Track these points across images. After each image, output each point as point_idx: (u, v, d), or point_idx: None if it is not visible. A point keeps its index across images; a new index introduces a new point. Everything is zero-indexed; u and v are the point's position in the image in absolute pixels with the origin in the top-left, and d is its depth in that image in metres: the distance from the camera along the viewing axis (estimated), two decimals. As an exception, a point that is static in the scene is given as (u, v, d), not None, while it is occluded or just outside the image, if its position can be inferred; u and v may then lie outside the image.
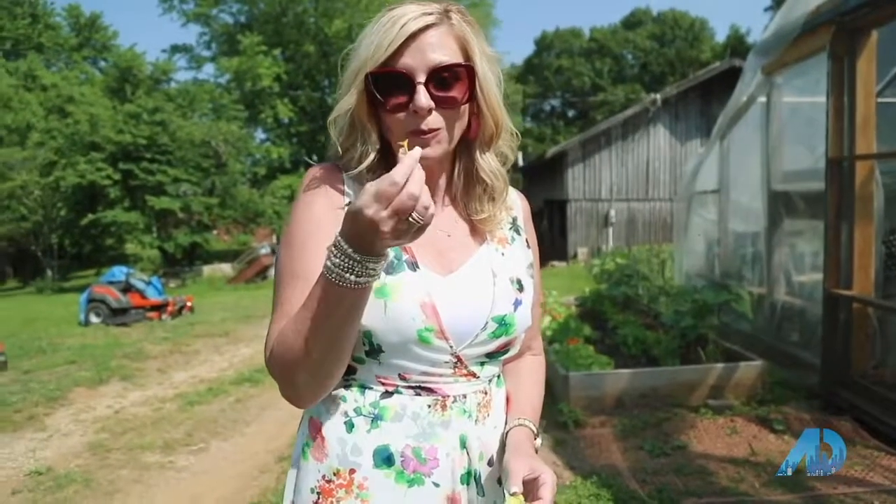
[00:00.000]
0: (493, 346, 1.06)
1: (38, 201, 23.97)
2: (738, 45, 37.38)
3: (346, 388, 1.05)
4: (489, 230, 1.12)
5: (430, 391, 1.04)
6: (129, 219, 22.28)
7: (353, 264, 0.82)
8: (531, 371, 1.24)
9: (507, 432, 1.10)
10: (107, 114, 23.36)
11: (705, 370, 4.57)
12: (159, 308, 12.30)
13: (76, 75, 32.94)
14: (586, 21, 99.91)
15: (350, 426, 1.03)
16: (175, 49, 34.27)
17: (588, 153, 21.05)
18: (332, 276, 0.83)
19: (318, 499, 1.03)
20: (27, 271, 27.10)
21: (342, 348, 0.93)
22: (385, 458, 1.02)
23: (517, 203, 1.21)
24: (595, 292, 8.19)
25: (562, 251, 21.31)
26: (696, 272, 7.45)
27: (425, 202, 0.79)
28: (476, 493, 1.07)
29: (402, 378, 1.03)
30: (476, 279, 1.06)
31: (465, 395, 1.06)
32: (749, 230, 6.17)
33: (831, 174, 4.26)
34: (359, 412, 1.03)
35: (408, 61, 0.96)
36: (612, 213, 21.01)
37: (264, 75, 28.21)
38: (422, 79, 0.96)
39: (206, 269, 23.66)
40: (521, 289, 1.10)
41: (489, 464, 1.09)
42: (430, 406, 1.03)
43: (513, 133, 1.11)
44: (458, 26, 1.00)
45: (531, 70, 48.56)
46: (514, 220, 1.19)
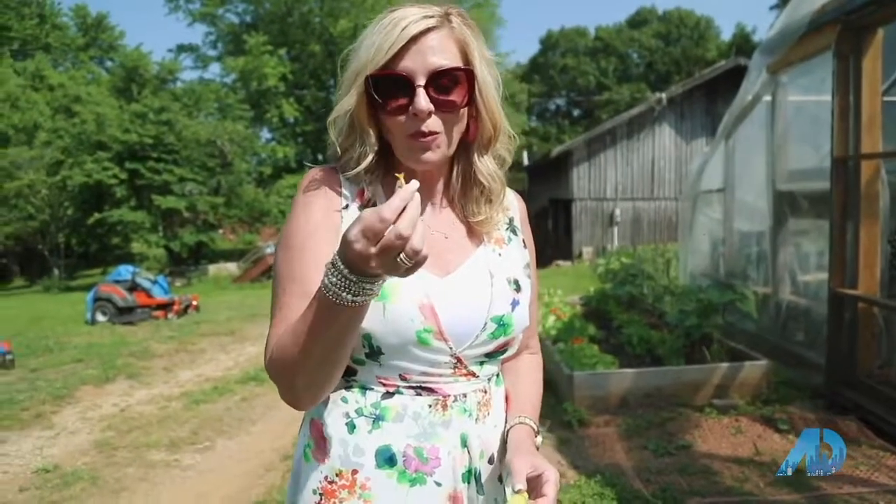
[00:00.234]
0: (492, 346, 1.07)
1: (45, 200, 24.08)
2: (743, 44, 37.25)
3: (347, 389, 1.06)
4: (486, 232, 1.13)
5: (430, 391, 1.04)
6: (135, 218, 22.38)
7: (350, 284, 0.82)
8: (529, 369, 1.25)
9: (508, 430, 1.11)
10: (113, 113, 23.46)
11: (710, 370, 4.56)
12: (165, 307, 12.34)
13: (83, 75, 33.12)
14: (591, 20, 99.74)
15: (351, 427, 1.04)
16: (181, 49, 34.36)
17: (593, 152, 21.02)
18: (329, 293, 0.83)
19: (321, 500, 1.04)
20: (34, 270, 27.23)
21: (340, 357, 0.94)
22: (387, 459, 1.02)
23: (514, 204, 1.22)
24: (600, 292, 8.18)
25: (567, 250, 21.29)
26: (701, 272, 7.43)
27: (415, 245, 0.77)
28: (477, 492, 1.08)
29: (403, 378, 1.04)
30: (473, 280, 1.07)
31: (465, 395, 1.07)
32: (754, 229, 6.15)
33: (837, 173, 4.24)
34: (360, 413, 1.04)
35: (408, 64, 0.97)
36: (618, 212, 20.97)
37: (270, 75, 28.26)
38: (422, 82, 0.97)
39: (212, 269, 23.71)
40: (518, 289, 1.11)
41: (490, 462, 1.10)
42: (430, 406, 1.04)
43: (510, 136, 1.11)
44: (459, 30, 1.01)
45: (536, 69, 48.51)
46: (511, 220, 1.20)
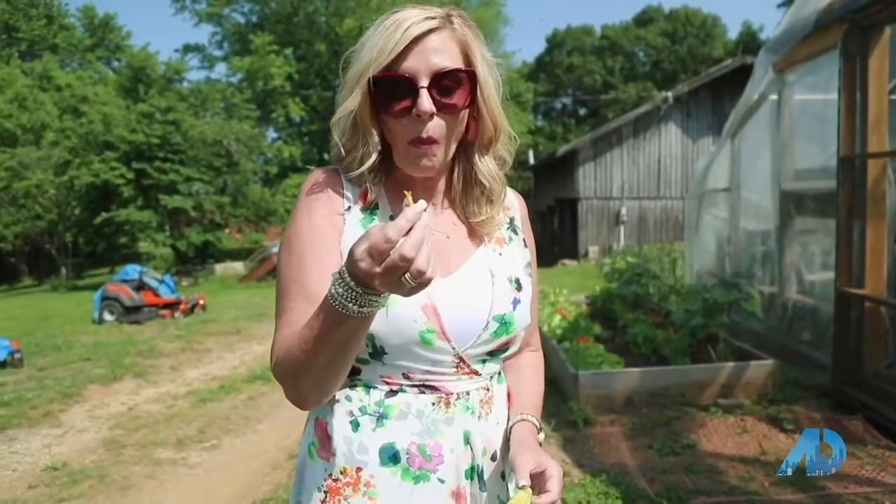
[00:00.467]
0: (494, 344, 1.08)
1: (52, 200, 24.24)
2: (750, 42, 37.08)
3: (351, 387, 1.07)
4: (487, 232, 1.14)
5: (433, 389, 1.05)
6: (142, 217, 22.47)
7: (356, 296, 0.82)
8: (531, 367, 1.26)
9: (511, 428, 1.12)
10: (120, 113, 23.59)
11: (715, 369, 4.55)
12: (172, 306, 12.40)
13: (90, 75, 33.29)
14: (598, 19, 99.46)
15: (356, 425, 1.05)
16: (187, 49, 34.54)
17: (599, 151, 21.00)
18: (335, 303, 0.84)
19: (326, 497, 1.05)
20: (42, 269, 27.41)
21: (344, 363, 0.95)
22: (391, 456, 1.03)
23: (514, 203, 1.23)
24: (605, 291, 8.17)
25: (573, 250, 21.28)
26: (707, 271, 7.42)
27: (420, 266, 0.77)
28: (480, 489, 1.09)
29: (406, 377, 1.05)
30: (475, 280, 1.08)
31: (467, 392, 1.08)
32: (760, 228, 6.13)
33: (843, 172, 4.23)
34: (364, 411, 1.05)
35: (411, 65, 0.98)
36: (624, 211, 20.94)
37: (276, 74, 28.36)
38: (424, 83, 0.97)
39: (219, 268, 23.80)
40: (519, 288, 1.12)
41: (493, 459, 1.11)
42: (434, 404, 1.05)
43: (511, 136, 1.12)
44: (460, 31, 1.02)
45: (542, 68, 48.45)
46: (512, 220, 1.21)
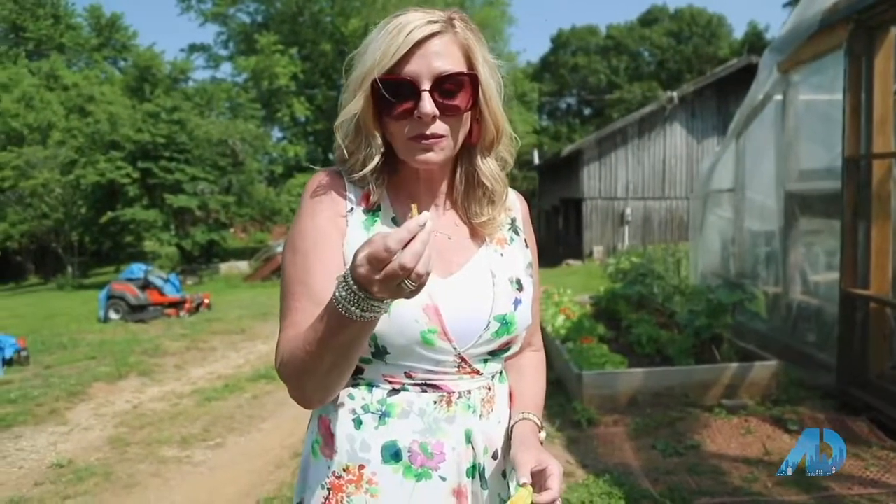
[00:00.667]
0: (495, 344, 1.09)
1: (59, 199, 24.36)
2: (756, 42, 36.99)
3: (354, 386, 1.08)
4: (489, 233, 1.15)
5: (435, 388, 1.06)
6: (147, 216, 22.56)
7: (359, 300, 0.84)
8: (532, 366, 1.27)
9: (513, 426, 1.13)
10: (126, 113, 23.67)
11: (720, 370, 4.55)
12: (177, 305, 12.42)
13: (96, 75, 33.42)
14: (603, 18, 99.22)
15: (358, 423, 1.06)
16: (193, 48, 34.63)
17: (604, 151, 20.97)
18: (339, 306, 0.85)
19: (329, 494, 1.06)
20: (48, 268, 27.54)
21: (348, 365, 0.97)
22: (393, 454, 1.05)
23: (516, 204, 1.24)
24: (609, 291, 8.16)
25: (577, 250, 21.26)
26: (711, 271, 7.41)
27: (420, 270, 0.80)
28: (481, 486, 1.10)
29: (408, 376, 1.06)
30: (476, 280, 1.09)
31: (469, 392, 1.09)
32: (765, 229, 6.12)
33: (848, 173, 4.22)
34: (366, 409, 1.06)
35: (413, 69, 0.99)
36: (628, 211, 20.91)
37: (281, 74, 28.41)
38: (427, 86, 0.98)
39: (224, 267, 23.85)
40: (520, 288, 1.13)
41: (494, 457, 1.12)
42: (435, 402, 1.06)
43: (512, 138, 1.13)
44: (462, 34, 1.03)
45: (547, 68, 48.41)
46: (513, 220, 1.22)
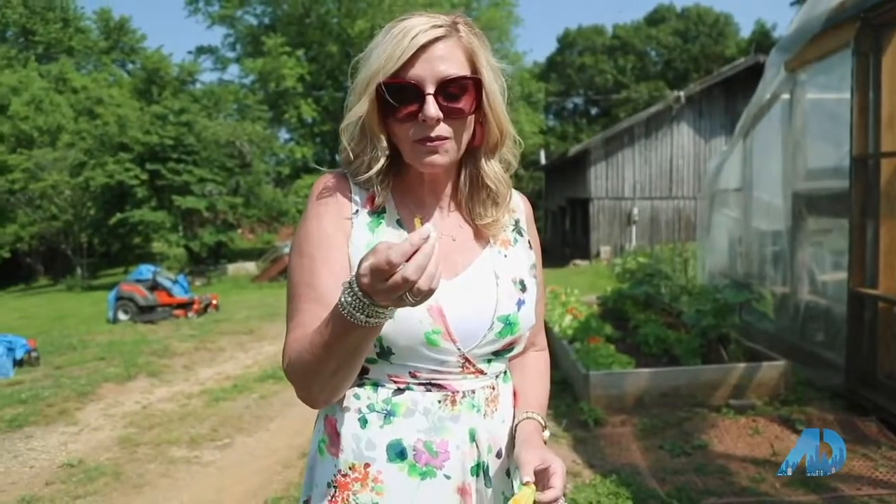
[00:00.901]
0: (499, 344, 1.11)
1: (68, 201, 24.49)
2: (763, 41, 36.77)
3: (360, 386, 1.09)
4: (493, 234, 1.16)
5: (440, 387, 1.08)
6: (155, 218, 22.64)
7: (364, 306, 0.85)
8: (536, 366, 1.28)
9: (516, 426, 1.14)
10: (134, 115, 23.80)
11: (727, 370, 4.54)
12: (185, 306, 12.48)
13: (105, 77, 33.65)
14: (609, 18, 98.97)
15: (364, 422, 1.07)
16: (200, 51, 34.83)
17: (611, 151, 20.93)
18: (345, 311, 0.87)
19: (335, 493, 1.07)
20: (57, 269, 27.69)
21: (353, 368, 0.99)
22: (398, 453, 1.06)
23: (519, 205, 1.25)
24: (616, 291, 8.15)
25: (584, 250, 21.23)
26: (719, 271, 7.39)
27: (422, 285, 0.80)
28: (485, 485, 1.11)
29: (413, 376, 1.07)
30: (480, 281, 1.10)
31: (473, 391, 1.10)
32: (772, 228, 6.10)
33: (856, 172, 4.21)
34: (372, 409, 1.07)
35: (418, 72, 1.00)
36: (635, 211, 20.86)
37: (288, 76, 28.48)
38: (431, 90, 1.00)
39: (231, 268, 23.95)
40: (523, 289, 1.14)
41: (498, 456, 1.13)
42: (440, 401, 1.07)
43: (516, 141, 1.15)
44: (466, 38, 1.04)
45: (554, 68, 48.32)
46: (517, 222, 1.23)
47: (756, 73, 12.01)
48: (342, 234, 1.08)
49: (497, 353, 1.12)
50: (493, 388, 1.14)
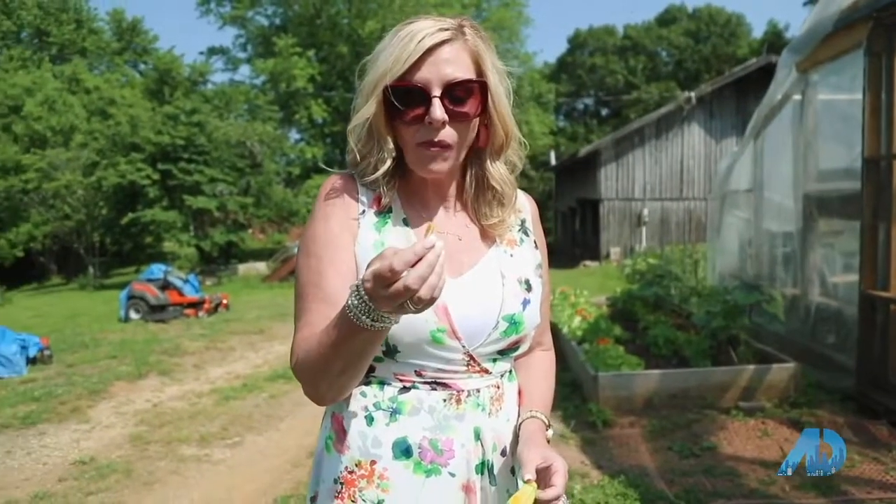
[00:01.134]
0: (504, 343, 1.12)
1: (80, 201, 24.66)
2: (775, 41, 36.51)
3: (366, 384, 1.11)
4: (499, 234, 1.17)
5: (445, 386, 1.09)
6: (167, 218, 22.75)
7: (369, 310, 0.86)
8: (541, 365, 1.29)
9: (520, 424, 1.15)
10: (146, 115, 23.92)
11: (737, 371, 4.52)
12: (196, 305, 12.53)
13: (117, 78, 33.84)
14: (620, 19, 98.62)
15: (370, 420, 1.09)
16: (212, 51, 34.95)
17: (621, 152, 20.86)
18: (351, 314, 0.88)
19: (342, 489, 1.09)
20: (70, 268, 27.88)
21: (360, 368, 1.00)
22: (404, 450, 1.07)
23: (525, 206, 1.26)
24: (626, 292, 8.13)
25: (594, 251, 21.17)
26: (729, 272, 7.35)
27: (423, 294, 0.81)
28: (489, 482, 1.12)
29: (419, 374, 1.08)
30: (485, 280, 1.11)
31: (478, 390, 1.11)
32: (783, 230, 6.06)
33: (868, 173, 4.18)
34: (378, 407, 1.09)
35: (424, 75, 1.01)
36: (646, 212, 20.78)
37: (299, 76, 28.54)
38: (437, 92, 1.01)
39: (242, 268, 24.02)
40: (529, 288, 1.15)
41: (502, 454, 1.14)
42: (445, 400, 1.09)
43: (521, 143, 1.16)
44: (472, 41, 1.05)
45: (564, 68, 48.19)
46: (523, 222, 1.24)
47: (768, 74, 11.94)
48: (349, 234, 1.09)
49: (502, 352, 1.13)
50: (498, 388, 1.15)
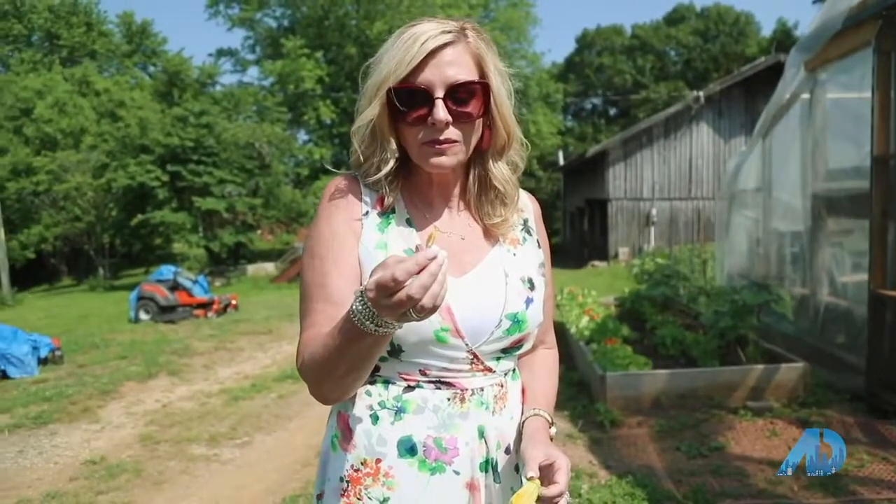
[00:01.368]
0: (507, 342, 1.13)
1: (90, 202, 24.83)
2: (785, 40, 36.26)
3: (371, 383, 1.12)
4: (502, 233, 1.18)
5: (449, 385, 1.10)
6: (176, 219, 22.86)
7: (373, 316, 0.88)
8: (545, 364, 1.29)
9: (524, 422, 1.16)
10: (155, 117, 24.06)
11: (745, 371, 4.51)
12: (205, 306, 12.59)
13: (127, 80, 34.04)
14: (628, 18, 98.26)
15: (375, 419, 1.10)
16: (220, 53, 35.12)
17: (629, 152, 20.80)
18: (355, 319, 0.89)
19: (347, 487, 1.10)
20: (80, 270, 28.06)
21: (363, 371, 1.02)
22: (409, 448, 1.08)
23: (528, 205, 1.27)
24: (634, 292, 8.12)
25: (603, 251, 21.11)
26: (738, 272, 7.32)
27: (425, 304, 0.83)
28: (494, 480, 1.13)
29: (423, 373, 1.09)
30: (489, 279, 1.12)
31: (482, 389, 1.12)
32: (792, 229, 6.04)
33: (877, 172, 4.16)
34: (383, 405, 1.10)
35: (427, 77, 1.03)
36: (654, 212, 20.70)
37: (307, 77, 28.63)
38: (440, 94, 1.02)
39: (251, 268, 24.12)
40: (532, 287, 1.16)
41: (506, 452, 1.15)
42: (449, 399, 1.10)
43: (523, 143, 1.17)
44: (474, 43, 1.07)
45: (572, 68, 48.08)
46: (526, 221, 1.25)
47: (777, 73, 11.86)
48: (353, 234, 1.10)
49: (505, 351, 1.14)
50: (502, 386, 1.16)
